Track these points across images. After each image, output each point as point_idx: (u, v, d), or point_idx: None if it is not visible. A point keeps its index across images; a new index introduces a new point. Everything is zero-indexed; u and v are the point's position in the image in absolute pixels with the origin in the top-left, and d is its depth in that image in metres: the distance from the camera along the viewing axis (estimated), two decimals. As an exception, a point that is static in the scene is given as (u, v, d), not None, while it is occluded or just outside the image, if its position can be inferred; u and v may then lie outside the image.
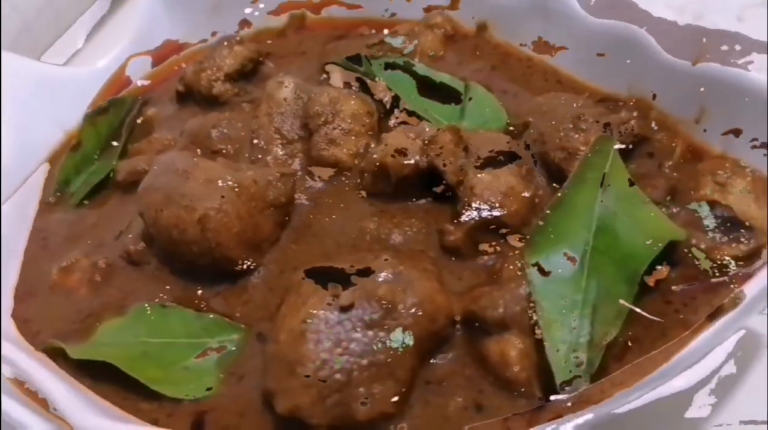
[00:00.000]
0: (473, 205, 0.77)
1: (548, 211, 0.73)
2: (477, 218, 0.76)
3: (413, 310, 0.68)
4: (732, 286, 0.70)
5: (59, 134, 1.05)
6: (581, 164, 0.75)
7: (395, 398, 0.66)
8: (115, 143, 1.03)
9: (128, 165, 0.96)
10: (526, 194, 0.78)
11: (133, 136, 1.06)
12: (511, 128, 0.90)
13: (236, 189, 0.79)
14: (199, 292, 0.81)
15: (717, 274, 0.71)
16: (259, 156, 0.90)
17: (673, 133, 0.85)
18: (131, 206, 0.89)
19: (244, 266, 0.80)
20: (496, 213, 0.76)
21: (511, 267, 0.72)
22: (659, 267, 0.71)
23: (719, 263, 0.71)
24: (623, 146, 0.80)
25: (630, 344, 0.68)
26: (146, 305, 0.80)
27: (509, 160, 0.81)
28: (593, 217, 0.72)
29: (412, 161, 0.81)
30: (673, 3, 1.21)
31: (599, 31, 0.92)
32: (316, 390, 0.64)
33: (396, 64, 0.98)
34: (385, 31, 1.08)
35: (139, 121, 1.08)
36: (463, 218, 0.77)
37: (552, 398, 0.63)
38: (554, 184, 0.82)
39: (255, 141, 0.91)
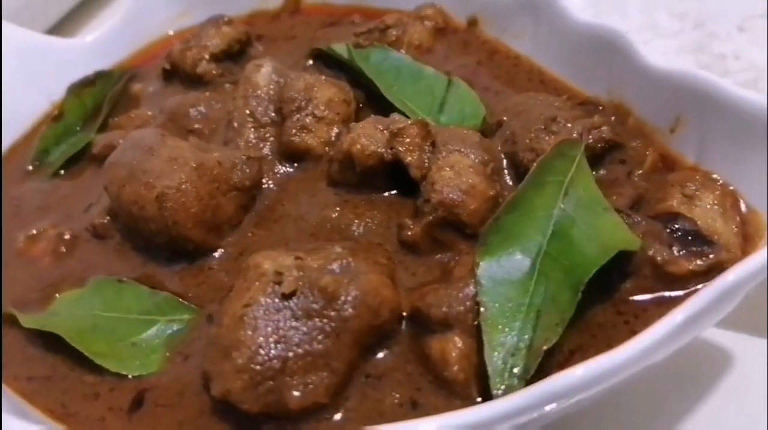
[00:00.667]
0: (432, 201, 0.76)
1: (503, 212, 0.72)
2: (435, 215, 0.75)
3: (355, 302, 0.67)
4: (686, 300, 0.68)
5: (44, 104, 1.05)
6: (541, 166, 0.73)
7: (330, 389, 0.65)
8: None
9: (105, 139, 0.97)
10: (489, 193, 0.77)
11: (118, 111, 1.06)
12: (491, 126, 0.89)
13: (198, 169, 0.79)
14: (157, 269, 0.81)
15: (672, 287, 0.70)
16: (233, 138, 0.90)
17: (649, 141, 0.83)
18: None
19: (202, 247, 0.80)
20: (454, 211, 0.75)
21: (464, 266, 0.71)
22: (615, 277, 0.70)
23: (675, 276, 0.70)
24: (590, 151, 0.78)
25: (574, 352, 0.67)
26: (104, 278, 0.81)
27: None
28: (550, 221, 0.70)
29: (377, 152, 0.80)
30: (675, 10, 1.19)
31: (584, 32, 0.90)
32: (249, 376, 0.64)
33: (380, 54, 0.97)
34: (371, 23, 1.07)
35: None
36: (422, 213, 0.76)
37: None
38: (522, 186, 0.80)
39: (230, 123, 0.91)
